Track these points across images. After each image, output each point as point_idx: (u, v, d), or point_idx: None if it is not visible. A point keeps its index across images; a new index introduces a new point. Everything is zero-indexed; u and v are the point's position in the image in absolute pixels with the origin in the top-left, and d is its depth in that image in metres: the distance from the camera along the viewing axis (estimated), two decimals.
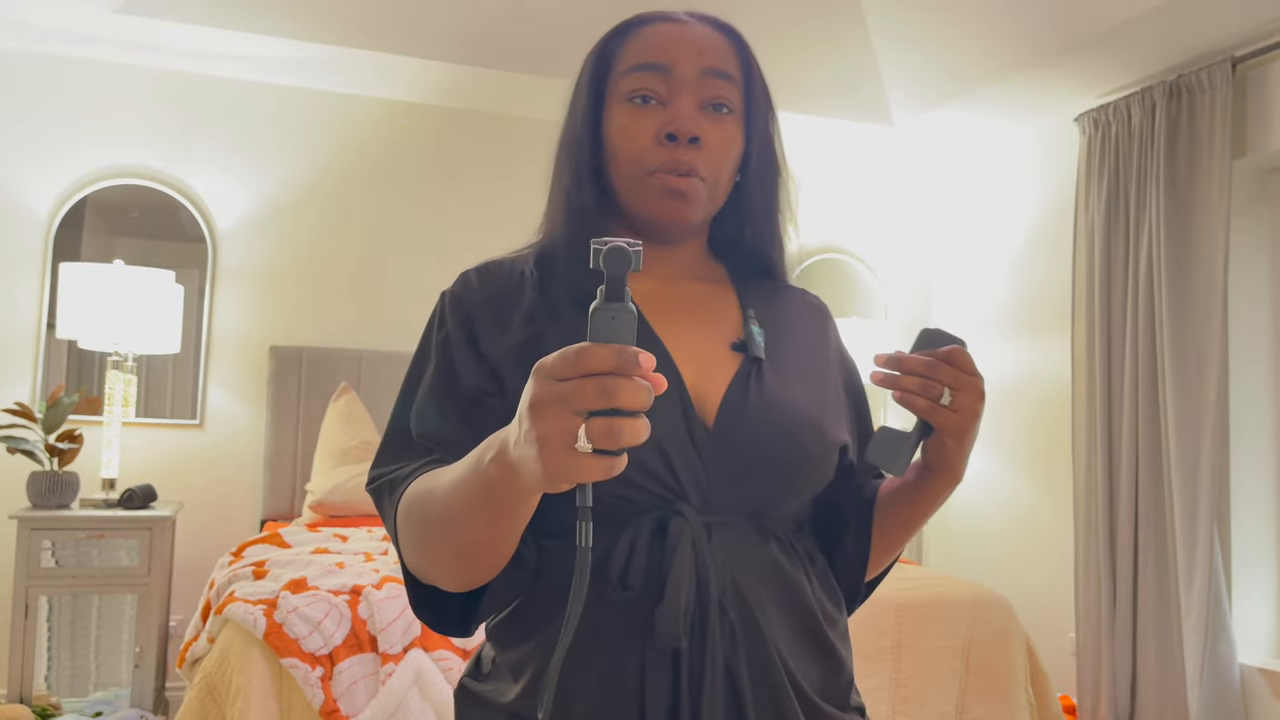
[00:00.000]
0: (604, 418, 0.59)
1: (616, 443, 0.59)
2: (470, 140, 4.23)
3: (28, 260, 3.65)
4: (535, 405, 0.61)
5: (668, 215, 0.95)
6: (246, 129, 3.92)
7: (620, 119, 0.96)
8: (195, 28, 3.45)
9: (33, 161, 3.67)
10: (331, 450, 3.67)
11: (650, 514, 0.87)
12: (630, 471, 0.85)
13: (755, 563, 0.89)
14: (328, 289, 4.00)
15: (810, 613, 0.91)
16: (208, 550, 3.75)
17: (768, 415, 0.92)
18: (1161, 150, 3.33)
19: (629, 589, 0.85)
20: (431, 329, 1.00)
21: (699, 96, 0.95)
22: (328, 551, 2.78)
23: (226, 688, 2.16)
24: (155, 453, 3.73)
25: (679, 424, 0.89)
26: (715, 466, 0.89)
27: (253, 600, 2.29)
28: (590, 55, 1.01)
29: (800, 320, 1.06)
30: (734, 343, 0.97)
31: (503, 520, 0.75)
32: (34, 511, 3.12)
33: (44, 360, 3.63)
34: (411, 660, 2.18)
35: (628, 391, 0.58)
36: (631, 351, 0.59)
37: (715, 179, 0.96)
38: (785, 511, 0.94)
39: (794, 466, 0.92)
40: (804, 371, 1.00)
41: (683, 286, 1.02)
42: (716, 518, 0.89)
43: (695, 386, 0.93)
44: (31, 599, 3.08)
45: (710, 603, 0.85)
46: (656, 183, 0.94)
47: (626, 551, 0.86)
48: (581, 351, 0.59)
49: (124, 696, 3.22)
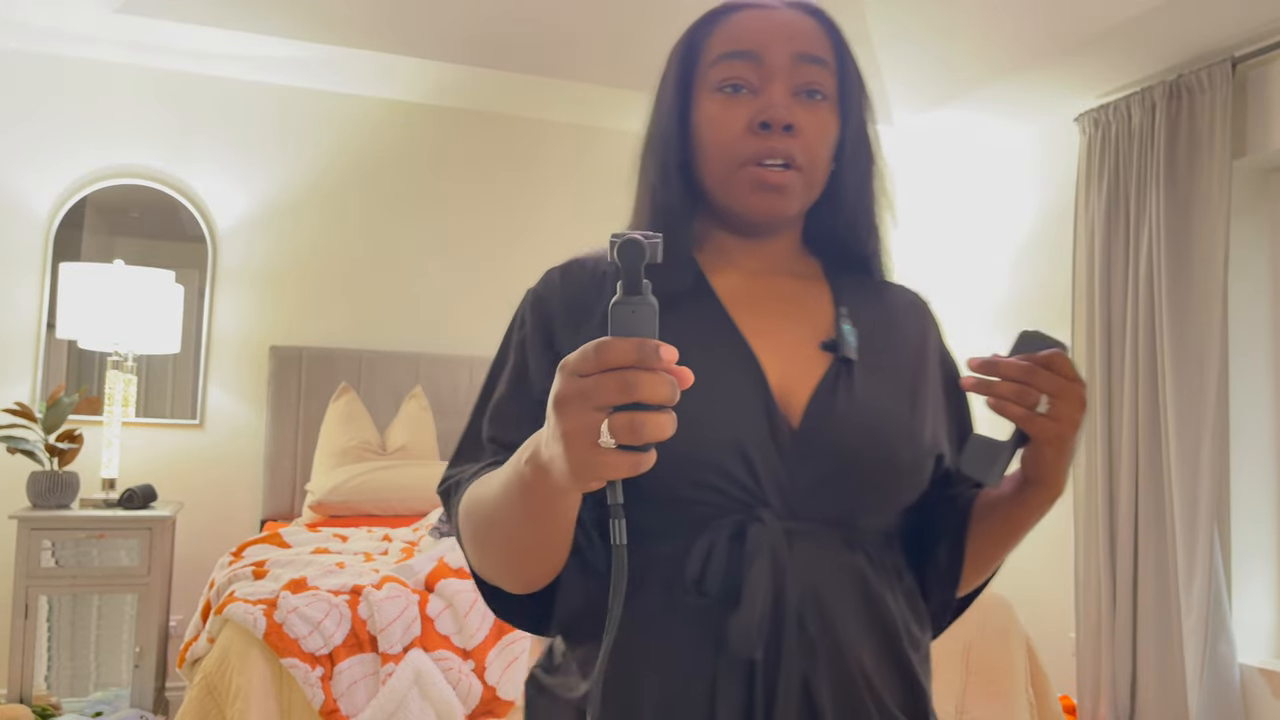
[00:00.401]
0: (626, 412, 0.58)
1: (639, 438, 0.58)
2: (470, 140, 4.23)
3: (28, 260, 3.65)
4: (559, 402, 0.61)
5: (762, 209, 0.91)
6: (246, 129, 3.92)
7: (710, 109, 0.92)
8: (195, 28, 3.45)
9: (33, 161, 3.67)
10: (331, 450, 3.67)
11: (729, 518, 0.83)
12: (708, 474, 0.83)
13: (838, 574, 0.85)
14: (328, 289, 4.00)
15: (893, 632, 0.87)
16: (208, 550, 3.75)
17: (857, 419, 0.87)
18: (1161, 150, 3.33)
19: (704, 595, 0.82)
20: (513, 328, 0.97)
21: (792, 83, 0.90)
22: (328, 551, 2.78)
23: (226, 688, 2.16)
24: (155, 453, 3.73)
25: (761, 425, 0.85)
26: (799, 471, 0.85)
27: (253, 600, 2.29)
28: (676, 47, 0.97)
29: (898, 318, 1.00)
30: (824, 342, 0.92)
31: (541, 521, 0.74)
32: (34, 511, 3.12)
33: (44, 360, 3.63)
34: (411, 660, 2.18)
35: (649, 385, 0.57)
36: (652, 344, 0.58)
37: (811, 168, 0.91)
38: (873, 522, 0.89)
39: (883, 474, 0.87)
40: (899, 373, 0.94)
41: (772, 282, 0.97)
42: (799, 525, 0.84)
43: (780, 387, 0.88)
44: (31, 599, 3.08)
45: (787, 614, 0.81)
46: (750, 175, 0.90)
47: (703, 556, 0.83)
48: (601, 346, 0.58)
49: (124, 696, 3.22)
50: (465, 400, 4.03)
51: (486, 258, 4.21)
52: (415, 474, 3.55)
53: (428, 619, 2.28)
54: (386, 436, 3.82)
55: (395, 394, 3.94)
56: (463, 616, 2.29)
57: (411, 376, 3.98)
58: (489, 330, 4.19)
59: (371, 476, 3.47)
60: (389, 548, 2.88)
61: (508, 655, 2.27)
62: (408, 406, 3.87)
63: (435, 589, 2.36)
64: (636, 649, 0.83)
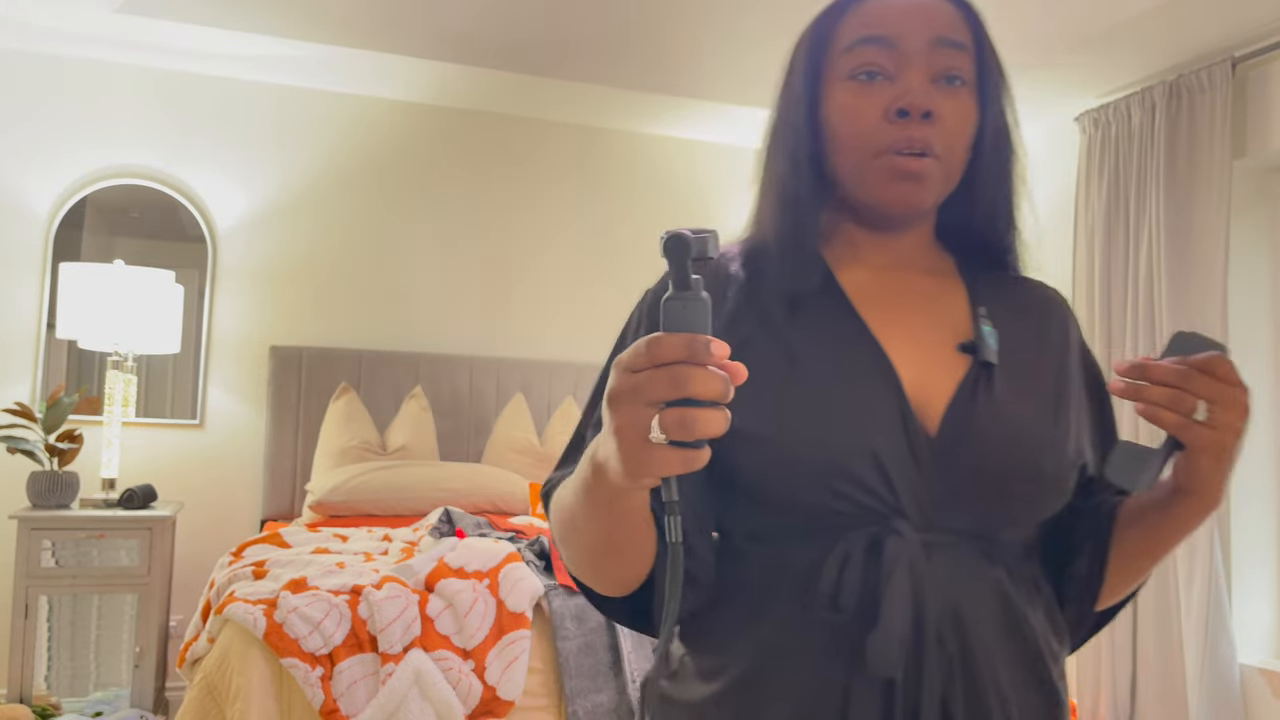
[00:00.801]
0: (677, 408, 0.57)
1: (690, 433, 0.57)
2: (470, 140, 4.23)
3: (28, 260, 3.65)
4: (612, 397, 0.60)
5: (899, 200, 0.86)
6: (247, 129, 3.92)
7: (842, 98, 0.87)
8: (195, 27, 3.45)
9: (33, 161, 3.67)
10: (331, 450, 3.67)
11: (863, 530, 0.80)
12: (842, 482, 0.79)
13: (978, 590, 0.81)
14: (328, 289, 4.00)
15: (1035, 649, 0.83)
16: (208, 550, 3.75)
17: (999, 427, 0.83)
18: (1161, 150, 3.33)
19: (839, 610, 0.79)
20: (628, 330, 0.93)
21: (930, 69, 0.86)
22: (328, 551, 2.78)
23: (226, 688, 2.16)
24: (155, 453, 3.73)
25: (897, 433, 0.81)
26: (937, 482, 0.81)
27: (253, 600, 2.29)
28: (804, 36, 0.93)
29: (1039, 317, 0.94)
30: (961, 344, 0.88)
31: (607, 519, 0.73)
32: (34, 511, 3.12)
33: (44, 360, 3.63)
34: (411, 660, 2.18)
35: (698, 380, 0.57)
36: (702, 340, 0.57)
37: (950, 157, 0.87)
38: (1014, 534, 0.84)
39: (1026, 487, 0.82)
40: (1042, 377, 0.89)
41: (904, 278, 0.92)
42: (936, 537, 0.81)
43: (916, 392, 0.84)
44: (31, 599, 3.08)
45: (927, 632, 0.78)
46: (886, 165, 0.85)
47: (837, 570, 0.79)
48: (652, 341, 0.58)
49: (124, 696, 3.22)
50: (465, 400, 4.03)
51: (486, 258, 4.21)
52: (415, 474, 3.55)
53: (428, 619, 2.28)
54: (386, 436, 3.82)
55: (395, 394, 3.94)
56: (463, 616, 2.29)
57: (411, 376, 3.98)
58: (489, 330, 4.19)
59: (371, 476, 3.47)
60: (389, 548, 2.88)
61: (508, 655, 2.27)
62: (408, 406, 3.87)
63: (435, 589, 2.36)
64: (765, 661, 0.81)
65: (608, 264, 4.39)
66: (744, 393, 0.81)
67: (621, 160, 4.44)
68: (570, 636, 2.33)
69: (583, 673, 2.29)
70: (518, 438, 3.96)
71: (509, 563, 2.43)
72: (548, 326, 4.29)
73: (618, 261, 4.40)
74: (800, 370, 0.84)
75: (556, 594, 2.40)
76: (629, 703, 2.27)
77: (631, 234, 4.43)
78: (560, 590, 2.42)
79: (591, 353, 4.34)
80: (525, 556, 2.55)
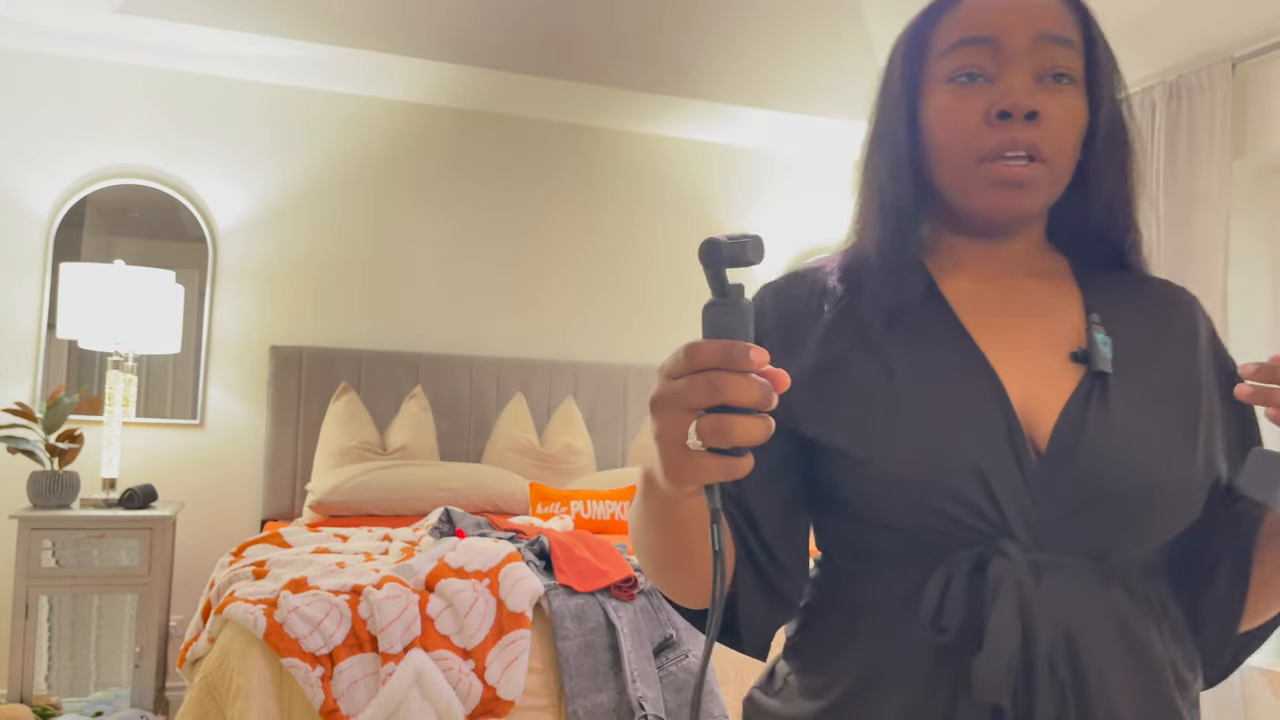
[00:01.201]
0: (713, 415, 0.57)
1: (726, 440, 0.56)
2: (470, 140, 4.23)
3: (28, 260, 3.65)
4: (654, 404, 0.60)
5: (1003, 208, 0.82)
6: (246, 129, 3.92)
7: (942, 101, 0.84)
8: (195, 28, 3.45)
9: (33, 161, 3.67)
10: (332, 450, 3.67)
11: (969, 550, 0.76)
12: (945, 500, 0.76)
13: (1094, 613, 0.76)
14: (328, 289, 4.00)
15: (1160, 676, 0.77)
16: (208, 550, 3.75)
17: (1113, 441, 0.77)
18: (1162, 150, 3.33)
19: (942, 633, 0.76)
20: None
21: (1034, 67, 0.82)
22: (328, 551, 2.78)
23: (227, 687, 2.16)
24: (155, 453, 3.74)
25: (1003, 448, 0.77)
26: (1047, 500, 0.76)
27: (253, 600, 2.29)
28: (900, 39, 0.90)
29: (1164, 321, 0.88)
30: (1074, 352, 0.83)
31: (663, 528, 0.73)
32: (34, 511, 3.12)
33: (44, 360, 3.63)
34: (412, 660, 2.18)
35: (735, 386, 0.56)
36: (741, 346, 0.56)
37: (1057, 160, 0.82)
38: (1132, 554, 0.79)
39: (1143, 507, 0.77)
40: (1164, 387, 0.83)
41: (1013, 285, 0.88)
42: (1047, 558, 0.76)
43: (1024, 404, 0.80)
44: (32, 599, 3.08)
45: (1038, 657, 0.74)
46: (989, 173, 0.81)
47: (940, 591, 0.76)
48: (691, 348, 0.58)
49: (124, 696, 3.22)
50: (465, 400, 4.03)
51: (487, 257, 4.21)
52: (415, 474, 3.55)
53: (428, 619, 2.28)
54: (387, 437, 3.82)
55: (395, 394, 3.94)
56: (463, 616, 2.29)
57: (411, 376, 3.98)
58: (489, 330, 4.19)
59: (372, 476, 3.47)
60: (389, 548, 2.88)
61: (508, 655, 2.27)
62: (408, 406, 3.87)
63: (435, 589, 2.36)
64: (868, 681, 0.79)
65: (608, 264, 4.39)
66: (841, 410, 0.81)
67: (622, 160, 4.43)
68: (570, 636, 2.33)
69: (583, 673, 2.29)
70: (518, 438, 3.96)
71: (509, 563, 2.43)
72: (548, 326, 4.29)
73: (618, 261, 4.40)
74: (899, 385, 0.81)
75: (556, 594, 2.41)
76: (629, 703, 2.27)
77: (632, 234, 4.43)
78: (560, 590, 2.42)
79: (591, 352, 4.34)
80: (525, 556, 2.55)
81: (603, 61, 3.70)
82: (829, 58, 3.84)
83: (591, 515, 3.46)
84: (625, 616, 2.39)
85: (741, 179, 4.60)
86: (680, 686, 2.35)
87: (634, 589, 2.46)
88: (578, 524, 3.42)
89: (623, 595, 2.43)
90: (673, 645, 2.39)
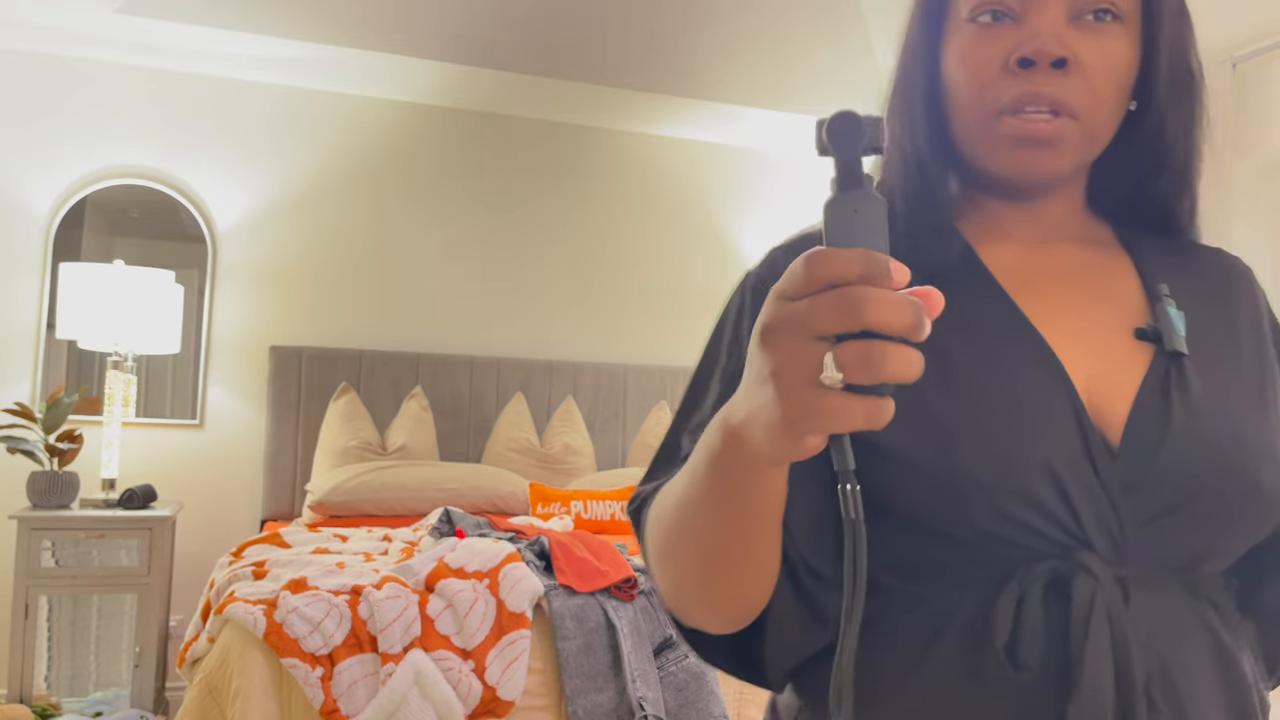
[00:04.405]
0: (859, 340, 0.44)
1: (876, 373, 0.43)
2: (469, 140, 4.23)
3: (28, 260, 3.65)
4: (766, 332, 0.47)
5: (1024, 169, 0.72)
6: (246, 129, 3.92)
7: (961, 44, 0.73)
8: (195, 27, 3.45)
9: (32, 161, 3.67)
10: (332, 450, 3.67)
11: (1042, 564, 0.65)
12: (1013, 504, 0.64)
13: (1187, 637, 0.66)
14: (328, 289, 4.00)
15: (1249, 700, 0.68)
16: (208, 550, 3.75)
17: (1199, 432, 0.67)
18: None
19: (1021, 667, 0.64)
20: (726, 321, 0.78)
21: (1069, 5, 0.70)
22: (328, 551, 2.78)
23: (227, 688, 2.16)
24: (155, 453, 3.73)
25: (1073, 442, 0.66)
26: (1128, 504, 0.66)
27: (253, 600, 2.29)
28: None
29: (1223, 292, 0.77)
30: (1139, 329, 0.72)
31: (730, 508, 0.58)
32: (34, 511, 3.12)
33: (44, 360, 3.63)
34: (411, 660, 2.18)
35: (879, 304, 0.43)
36: (881, 258, 0.44)
37: (1093, 114, 0.71)
38: (1221, 563, 0.69)
39: (1240, 506, 0.66)
40: (1239, 367, 0.73)
41: (1058, 253, 0.77)
42: (1131, 571, 0.66)
43: (1090, 391, 0.69)
44: (31, 599, 3.08)
45: (1136, 694, 0.63)
46: (1008, 128, 0.70)
47: (1011, 614, 0.64)
48: (815, 257, 0.45)
49: (124, 696, 3.22)
50: (465, 400, 4.03)
51: (486, 257, 4.21)
52: (415, 474, 3.55)
53: (428, 619, 2.28)
54: (387, 436, 3.82)
55: (395, 394, 3.94)
56: (463, 616, 2.29)
57: (411, 376, 3.98)
58: (489, 330, 4.19)
59: (371, 477, 3.47)
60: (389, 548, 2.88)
61: (508, 655, 2.27)
62: (408, 406, 3.87)
63: (435, 589, 2.36)
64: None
65: (608, 264, 4.39)
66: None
67: (621, 160, 4.43)
68: (570, 636, 2.33)
69: (583, 673, 2.29)
70: (518, 438, 3.96)
71: (509, 563, 2.43)
72: (548, 326, 4.29)
73: (618, 261, 4.40)
74: (949, 367, 0.69)
75: (556, 594, 2.41)
76: (629, 703, 2.27)
77: (632, 234, 4.43)
78: (560, 590, 2.42)
79: (591, 353, 4.34)
80: (525, 556, 2.55)
81: (603, 62, 3.70)
82: (829, 58, 3.84)
83: (591, 515, 3.46)
84: (625, 617, 2.39)
85: (741, 179, 4.59)
86: (680, 686, 2.35)
87: (634, 589, 2.46)
88: (578, 524, 3.42)
89: (623, 595, 2.44)
90: (673, 645, 2.40)
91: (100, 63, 3.75)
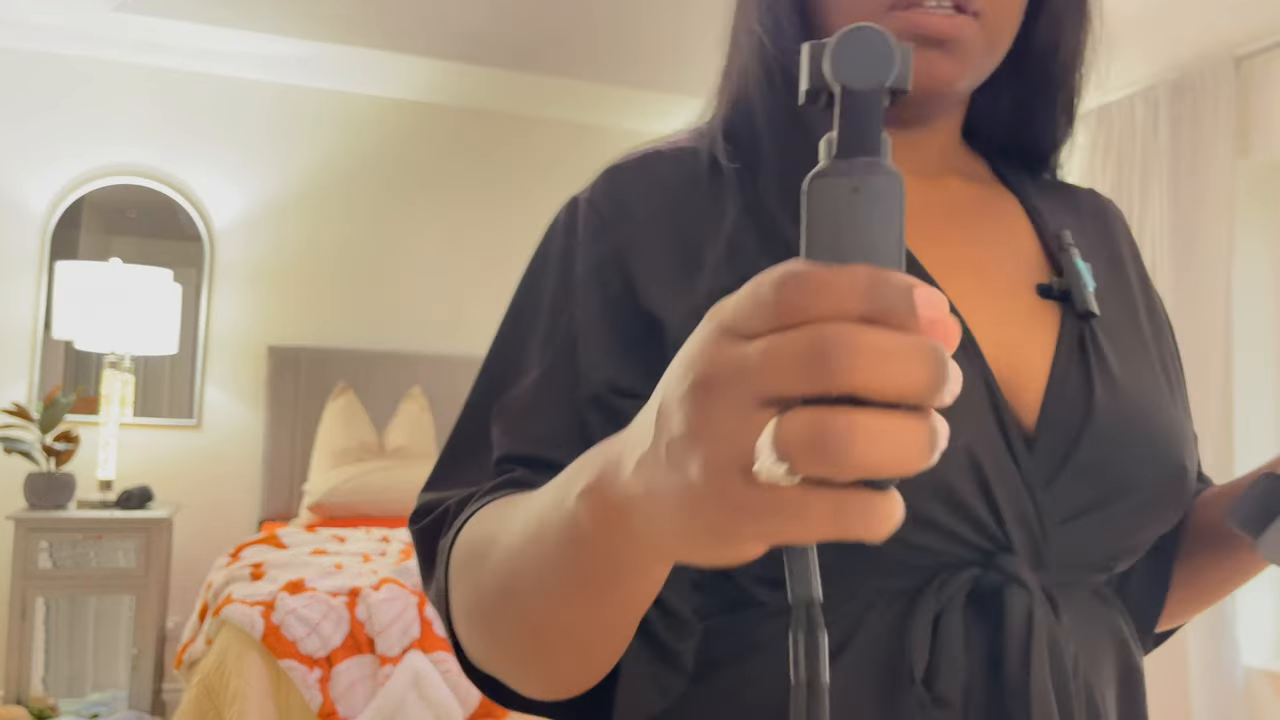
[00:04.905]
0: (815, 409, 0.28)
1: (838, 463, 0.27)
2: (469, 139, 4.21)
3: (24, 259, 3.63)
4: (699, 384, 0.30)
5: (921, 78, 0.57)
6: (244, 127, 3.91)
7: None
8: (192, 25, 3.44)
9: (30, 160, 3.65)
10: (329, 451, 3.65)
11: (961, 574, 0.53)
12: (931, 502, 0.52)
13: (1104, 651, 0.58)
14: (326, 288, 3.99)
15: (1143, 704, 0.61)
16: (205, 551, 3.73)
17: (1122, 413, 0.57)
18: (1165, 148, 3.32)
19: (941, 704, 0.51)
20: (546, 264, 0.64)
21: None
22: (325, 553, 2.77)
23: (224, 689, 2.15)
24: (152, 453, 3.72)
25: (989, 426, 0.54)
26: (1048, 497, 0.55)
27: (250, 602, 2.27)
28: None
29: (1107, 238, 0.68)
30: (1041, 285, 0.61)
31: (602, 601, 0.42)
32: (31, 512, 3.10)
33: (40, 360, 3.61)
34: (410, 662, 2.17)
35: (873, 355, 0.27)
36: (898, 280, 0.28)
37: (998, 16, 0.59)
38: (1130, 563, 0.60)
39: (1169, 494, 0.58)
40: (1139, 327, 0.64)
41: (948, 188, 0.65)
42: (1053, 579, 0.55)
43: (999, 362, 0.57)
44: (28, 600, 3.06)
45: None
46: (900, 23, 0.56)
47: (928, 635, 0.52)
48: (789, 280, 0.28)
49: (121, 698, 3.21)
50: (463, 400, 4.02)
51: (485, 257, 4.19)
52: (414, 475, 3.53)
53: (426, 620, 2.26)
54: (385, 437, 3.81)
55: (393, 394, 3.92)
56: None
57: (410, 377, 3.96)
58: (488, 330, 4.17)
59: (370, 477, 3.46)
60: (387, 549, 2.87)
61: None
62: (406, 407, 3.86)
63: None
64: None
65: None
66: None
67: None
68: None
69: None
70: None
71: None
72: None
73: None
74: None
75: None
76: None
77: None
78: None
79: None
80: None
81: (603, 59, 3.69)
82: None
83: None
84: None
85: None
86: None
87: None
88: None
89: None
90: None
91: (97, 61, 3.73)
